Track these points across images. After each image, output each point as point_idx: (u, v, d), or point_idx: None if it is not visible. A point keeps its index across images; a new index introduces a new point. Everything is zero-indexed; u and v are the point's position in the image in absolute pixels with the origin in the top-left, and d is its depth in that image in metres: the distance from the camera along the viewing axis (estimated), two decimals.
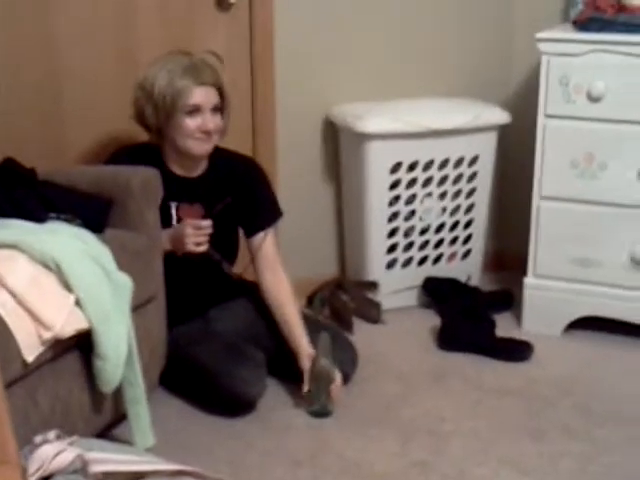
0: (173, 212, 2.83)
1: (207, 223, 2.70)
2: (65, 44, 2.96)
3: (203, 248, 2.71)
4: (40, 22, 2.92)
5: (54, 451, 1.86)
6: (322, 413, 2.69)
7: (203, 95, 2.71)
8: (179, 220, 2.82)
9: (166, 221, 2.78)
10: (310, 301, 3.38)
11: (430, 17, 3.53)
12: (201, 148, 2.77)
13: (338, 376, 2.72)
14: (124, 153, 2.82)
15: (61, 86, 2.99)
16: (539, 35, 3.06)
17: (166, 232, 2.72)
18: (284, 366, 2.84)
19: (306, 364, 2.72)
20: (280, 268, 2.89)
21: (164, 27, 3.09)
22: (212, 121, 2.73)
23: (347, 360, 2.87)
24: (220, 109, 2.78)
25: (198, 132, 2.73)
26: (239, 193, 2.88)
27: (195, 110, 2.71)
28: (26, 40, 2.91)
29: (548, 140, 3.11)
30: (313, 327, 2.85)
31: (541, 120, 3.11)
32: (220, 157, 2.87)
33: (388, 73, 3.50)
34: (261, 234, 2.89)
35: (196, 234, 2.68)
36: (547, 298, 3.22)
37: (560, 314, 3.22)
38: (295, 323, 2.81)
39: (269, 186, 2.96)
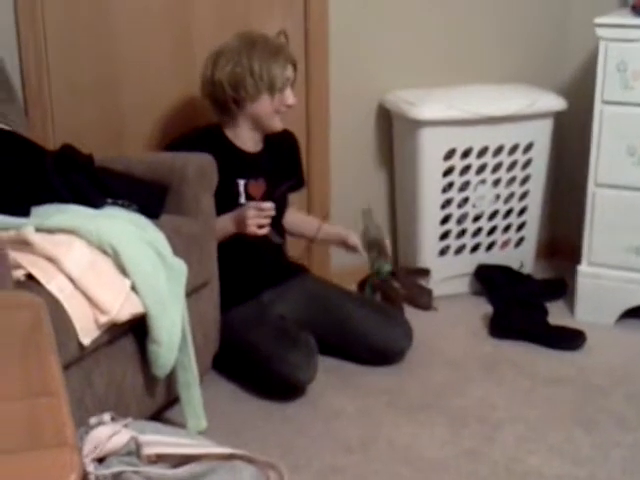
0: (241, 189, 2.89)
1: (269, 205, 2.74)
2: (121, 32, 3.00)
3: (265, 231, 2.75)
4: (96, 12, 2.96)
5: (109, 433, 1.89)
6: (383, 272, 3.00)
7: (290, 72, 2.88)
8: (248, 197, 2.88)
9: (233, 199, 2.84)
10: (362, 287, 3.39)
11: (485, 2, 3.50)
12: (281, 122, 2.93)
13: (387, 238, 3.04)
14: (185, 141, 2.85)
15: (118, 74, 3.03)
16: (597, 20, 3.02)
17: (228, 215, 2.76)
18: (339, 347, 2.92)
19: (354, 238, 3.01)
20: (293, 207, 3.17)
21: (219, 15, 3.11)
22: (293, 96, 2.90)
23: (401, 335, 2.94)
24: (292, 84, 2.94)
25: (284, 107, 2.89)
26: (286, 162, 3.03)
27: (284, 86, 2.87)
28: (83, 31, 2.95)
29: (605, 127, 3.07)
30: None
31: (598, 106, 3.07)
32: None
33: (442, 59, 3.49)
34: (296, 194, 3.11)
35: (259, 215, 2.72)
36: (601, 286, 3.19)
37: (614, 303, 3.19)
38: (322, 224, 3.11)
39: (300, 156, 3.16)
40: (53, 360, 1.50)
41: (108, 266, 2.21)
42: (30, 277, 2.06)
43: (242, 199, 2.89)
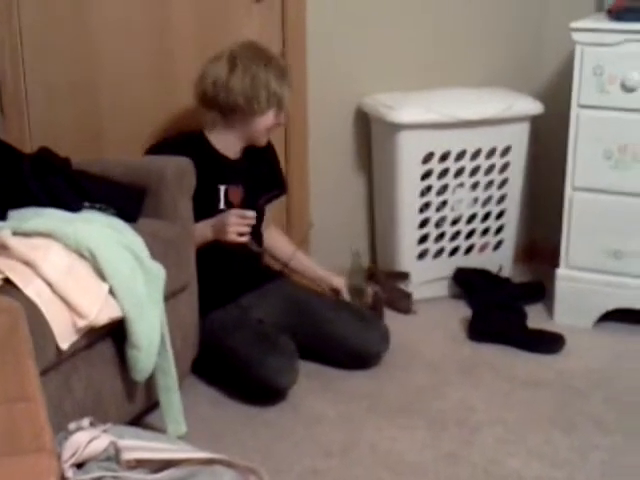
0: (221, 195, 2.89)
1: (252, 213, 2.76)
2: (100, 37, 2.98)
3: (245, 239, 2.76)
4: (75, 18, 2.94)
5: (88, 438, 1.88)
6: None
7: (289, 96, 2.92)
8: (227, 203, 2.88)
9: (213, 204, 2.85)
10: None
11: (463, 6, 3.51)
12: (266, 139, 2.97)
13: (369, 288, 3.14)
14: (166, 145, 2.84)
15: (96, 76, 3.02)
16: (573, 24, 3.03)
17: (208, 221, 2.76)
18: (317, 351, 2.92)
19: (339, 282, 3.12)
20: (273, 226, 3.19)
21: (198, 18, 3.10)
22: (284, 115, 2.96)
23: (378, 338, 2.95)
24: None
25: (275, 126, 2.93)
26: (265, 169, 3.04)
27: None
28: (62, 35, 2.94)
29: (581, 130, 3.09)
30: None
31: (574, 110, 3.09)
32: None
33: (420, 63, 3.49)
34: (273, 203, 3.12)
35: (239, 223, 2.73)
36: (579, 290, 3.20)
37: (592, 306, 3.21)
38: (310, 263, 3.19)
39: (279, 162, 3.14)
40: (30, 365, 1.49)
41: (86, 270, 2.19)
42: (7, 281, 2.05)
43: (221, 205, 2.89)
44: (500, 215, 3.51)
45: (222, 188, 2.89)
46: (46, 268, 2.10)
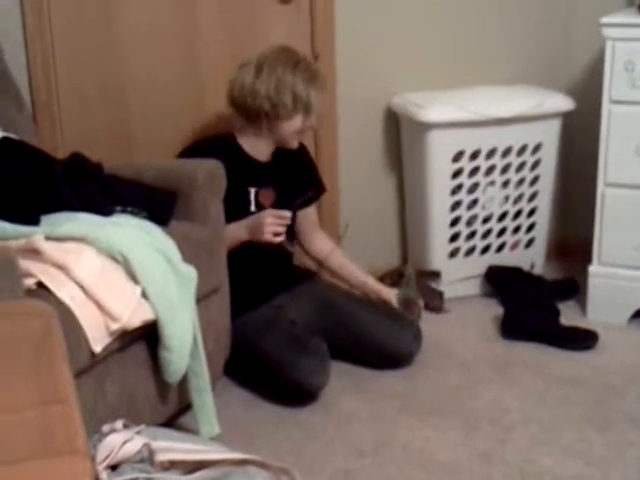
0: (252, 197, 2.90)
1: (287, 213, 2.77)
2: (130, 43, 3.01)
3: (280, 239, 2.77)
4: (104, 25, 2.97)
5: (121, 440, 1.89)
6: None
7: (321, 100, 2.91)
8: (258, 205, 2.89)
9: (244, 207, 2.86)
10: None
11: (491, 4, 3.50)
12: (297, 143, 2.96)
13: (420, 301, 3.12)
14: (198, 148, 2.85)
15: (126, 82, 3.04)
16: (603, 20, 3.01)
17: (242, 222, 2.78)
18: (349, 351, 2.93)
19: (388, 294, 3.08)
20: (321, 231, 3.17)
21: (226, 22, 3.12)
22: (315, 119, 2.94)
23: (410, 338, 2.95)
24: None
25: (305, 130, 2.94)
26: (299, 172, 3.03)
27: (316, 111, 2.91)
28: (92, 42, 2.97)
29: (613, 126, 3.07)
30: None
31: (606, 106, 3.07)
32: None
33: (450, 61, 3.49)
34: (313, 206, 3.10)
35: (276, 223, 2.74)
36: (612, 286, 3.18)
37: (626, 302, 3.18)
38: (357, 269, 3.14)
39: (314, 163, 3.15)
40: (64, 368, 1.50)
41: (118, 273, 2.21)
42: (41, 285, 2.07)
43: (252, 207, 2.90)
44: (532, 212, 3.50)
45: (252, 191, 2.91)
46: (79, 272, 2.12)
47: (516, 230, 3.50)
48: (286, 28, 3.19)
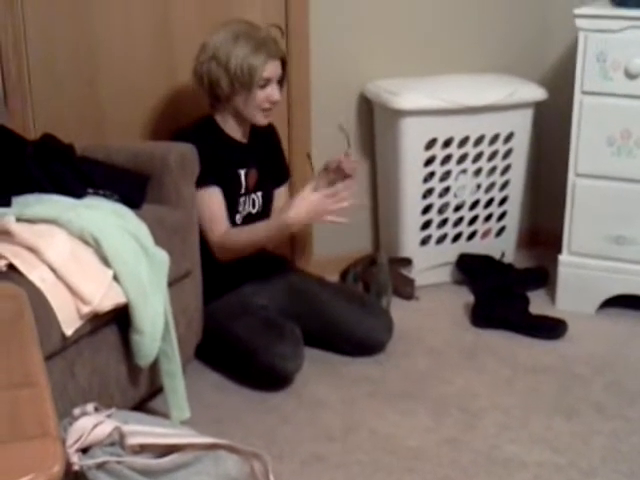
0: (242, 180, 2.90)
1: (343, 187, 2.76)
2: (101, 21, 2.98)
3: (341, 218, 2.77)
4: (77, 4, 2.94)
5: (92, 423, 1.90)
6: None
7: (273, 69, 2.83)
8: (248, 187, 2.89)
9: (235, 190, 2.86)
10: (343, 277, 3.40)
11: None
12: (266, 119, 2.90)
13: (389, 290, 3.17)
14: (188, 135, 2.80)
15: (98, 63, 3.01)
16: (577, 11, 3.03)
17: (293, 214, 2.71)
18: (321, 338, 2.94)
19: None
20: None
21: (200, 3, 3.09)
22: (278, 92, 2.86)
23: (382, 327, 2.95)
24: (282, 80, 2.90)
25: (267, 103, 2.84)
26: (272, 152, 3.02)
27: (265, 83, 2.82)
28: (64, 23, 2.93)
29: (585, 117, 3.09)
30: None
31: (578, 97, 3.09)
32: None
33: (423, 49, 3.49)
34: (284, 186, 3.10)
35: (334, 203, 2.73)
36: (581, 276, 3.21)
37: (594, 292, 3.21)
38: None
39: (282, 149, 3.15)
40: (35, 351, 1.50)
41: (90, 256, 2.20)
42: (11, 267, 2.06)
43: (243, 189, 2.91)
44: (503, 201, 3.51)
45: (242, 172, 2.90)
46: (50, 254, 2.11)
47: (487, 218, 3.52)
48: (260, 11, 3.17)
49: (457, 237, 3.49)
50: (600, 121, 3.07)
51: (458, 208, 3.45)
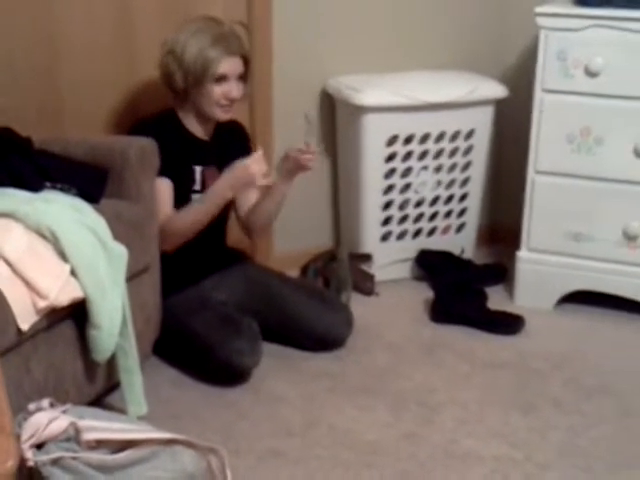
0: (197, 176, 2.88)
1: (261, 152, 2.76)
2: (60, 11, 2.94)
3: (270, 179, 2.76)
4: None
5: (47, 419, 1.88)
6: None
7: (231, 65, 2.80)
8: (204, 184, 2.87)
9: (188, 186, 2.85)
10: (304, 272, 3.40)
11: None
12: (226, 114, 2.87)
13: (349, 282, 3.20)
14: (146, 127, 2.80)
15: (57, 56, 2.97)
16: (538, 9, 3.05)
17: (221, 182, 2.75)
18: (280, 333, 2.93)
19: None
20: None
21: None
22: (237, 89, 2.83)
23: (342, 322, 2.96)
24: (244, 77, 2.86)
25: (224, 99, 2.81)
26: (238, 151, 2.92)
27: (222, 78, 2.79)
28: (22, 13, 2.89)
29: (545, 114, 3.11)
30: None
31: (538, 94, 3.11)
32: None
33: (385, 45, 3.49)
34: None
35: (261, 167, 2.73)
36: (540, 272, 3.24)
37: (552, 288, 3.24)
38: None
39: (250, 145, 3.09)
40: None
41: (47, 251, 2.18)
42: None
43: (197, 185, 2.88)
44: (463, 198, 3.53)
45: (198, 169, 2.87)
46: (6, 248, 2.09)
47: (447, 215, 3.53)
48: (222, 3, 3.14)
49: (417, 233, 3.50)
50: (560, 119, 3.09)
51: (419, 204, 3.46)
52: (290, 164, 2.84)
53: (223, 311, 2.81)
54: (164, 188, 2.77)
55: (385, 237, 3.45)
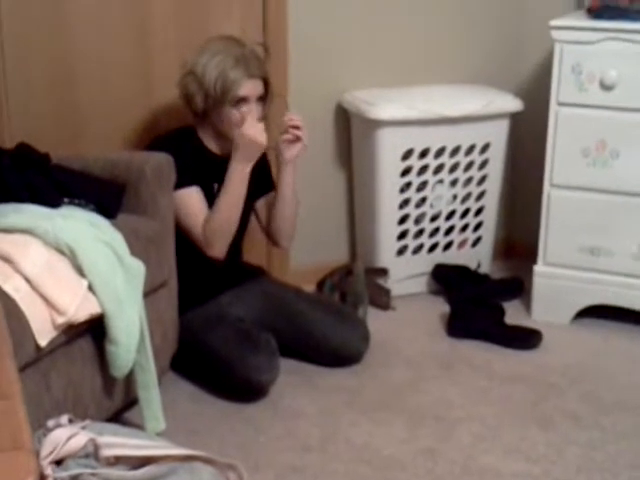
0: (215, 193, 2.86)
1: (253, 117, 2.75)
2: (78, 29, 2.96)
3: (265, 137, 2.75)
4: (53, 11, 2.92)
5: (66, 435, 1.88)
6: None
7: (251, 87, 2.78)
8: None
9: (209, 203, 2.83)
10: (320, 287, 3.40)
11: (444, 4, 3.52)
12: None
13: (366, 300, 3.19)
14: (165, 143, 2.80)
15: (75, 71, 3.00)
16: (553, 23, 3.05)
17: (234, 159, 2.75)
18: (297, 349, 2.94)
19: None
20: None
21: (178, 14, 3.09)
22: (256, 111, 2.80)
23: (358, 338, 2.96)
24: (263, 98, 2.85)
25: (242, 122, 2.76)
26: (256, 169, 2.88)
27: (242, 100, 2.78)
28: (38, 25, 2.91)
29: (560, 128, 3.11)
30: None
31: (553, 108, 3.11)
32: None
33: (400, 60, 3.50)
34: (265, 197, 3.03)
35: (256, 127, 2.72)
36: (556, 286, 3.23)
37: (569, 302, 3.23)
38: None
39: (269, 161, 3.08)
40: (9, 362, 1.48)
41: (65, 266, 2.19)
42: None
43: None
44: (479, 212, 3.53)
45: (216, 187, 2.87)
46: (25, 264, 2.10)
47: (463, 229, 3.53)
48: (239, 21, 3.17)
49: (433, 247, 3.50)
50: (575, 132, 3.09)
51: (434, 218, 3.46)
52: (285, 147, 2.85)
53: (241, 327, 2.80)
54: (195, 197, 2.78)
55: (401, 251, 3.45)
